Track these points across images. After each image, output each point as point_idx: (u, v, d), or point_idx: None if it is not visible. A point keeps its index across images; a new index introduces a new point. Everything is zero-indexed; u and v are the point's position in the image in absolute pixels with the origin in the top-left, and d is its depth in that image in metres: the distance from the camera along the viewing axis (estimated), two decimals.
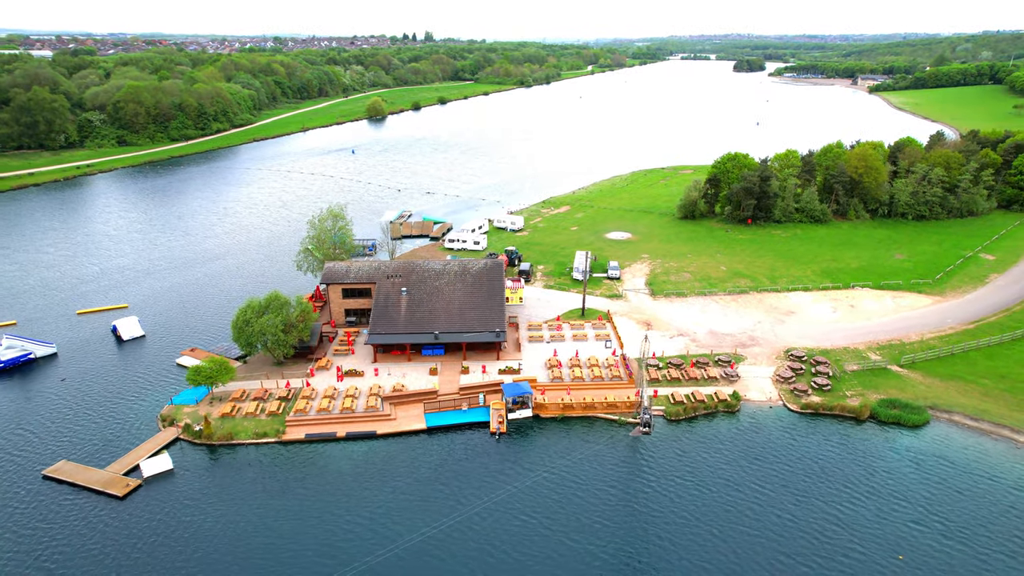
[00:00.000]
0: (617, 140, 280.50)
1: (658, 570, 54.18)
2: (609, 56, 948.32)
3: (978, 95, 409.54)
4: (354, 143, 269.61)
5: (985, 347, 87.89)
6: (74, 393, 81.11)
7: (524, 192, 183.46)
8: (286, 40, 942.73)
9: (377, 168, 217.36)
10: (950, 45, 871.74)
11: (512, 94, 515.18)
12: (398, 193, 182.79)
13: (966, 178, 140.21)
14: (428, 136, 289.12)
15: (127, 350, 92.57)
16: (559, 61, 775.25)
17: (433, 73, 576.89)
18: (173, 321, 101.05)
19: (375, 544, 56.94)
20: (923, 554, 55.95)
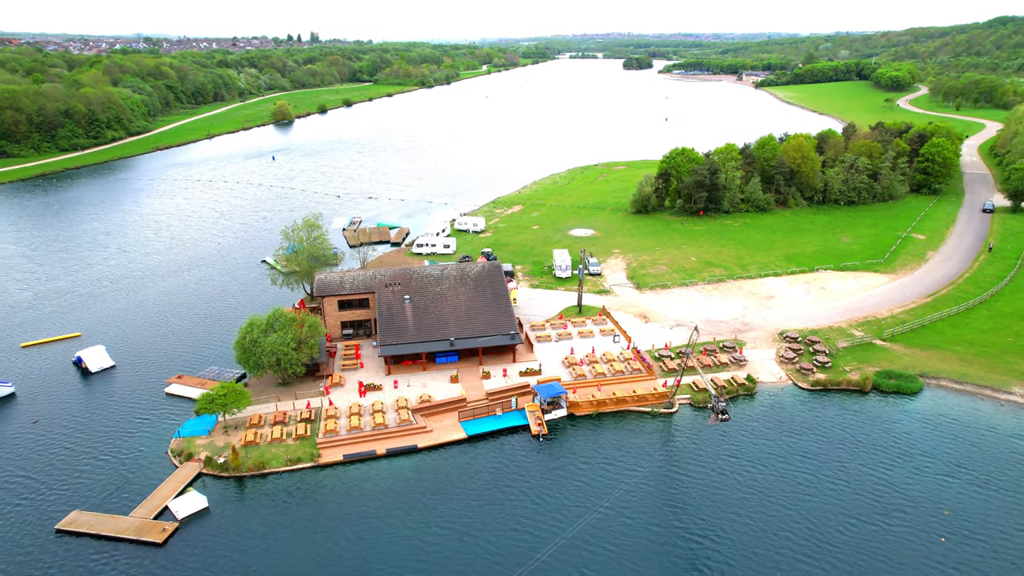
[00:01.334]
0: (540, 138, 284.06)
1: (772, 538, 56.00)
2: (502, 56, 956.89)
3: (851, 90, 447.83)
4: (267, 149, 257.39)
5: (948, 317, 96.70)
6: (55, 436, 72.78)
7: (469, 193, 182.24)
8: (159, 41, 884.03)
9: (308, 174, 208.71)
10: (812, 44, 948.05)
11: (415, 95, 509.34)
12: (337, 199, 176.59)
13: (886, 165, 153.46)
14: (348, 139, 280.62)
15: (99, 383, 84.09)
16: (455, 61, 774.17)
17: (331, 75, 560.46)
18: (143, 347, 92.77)
19: (515, 552, 54.96)
20: (962, 503, 61.06)
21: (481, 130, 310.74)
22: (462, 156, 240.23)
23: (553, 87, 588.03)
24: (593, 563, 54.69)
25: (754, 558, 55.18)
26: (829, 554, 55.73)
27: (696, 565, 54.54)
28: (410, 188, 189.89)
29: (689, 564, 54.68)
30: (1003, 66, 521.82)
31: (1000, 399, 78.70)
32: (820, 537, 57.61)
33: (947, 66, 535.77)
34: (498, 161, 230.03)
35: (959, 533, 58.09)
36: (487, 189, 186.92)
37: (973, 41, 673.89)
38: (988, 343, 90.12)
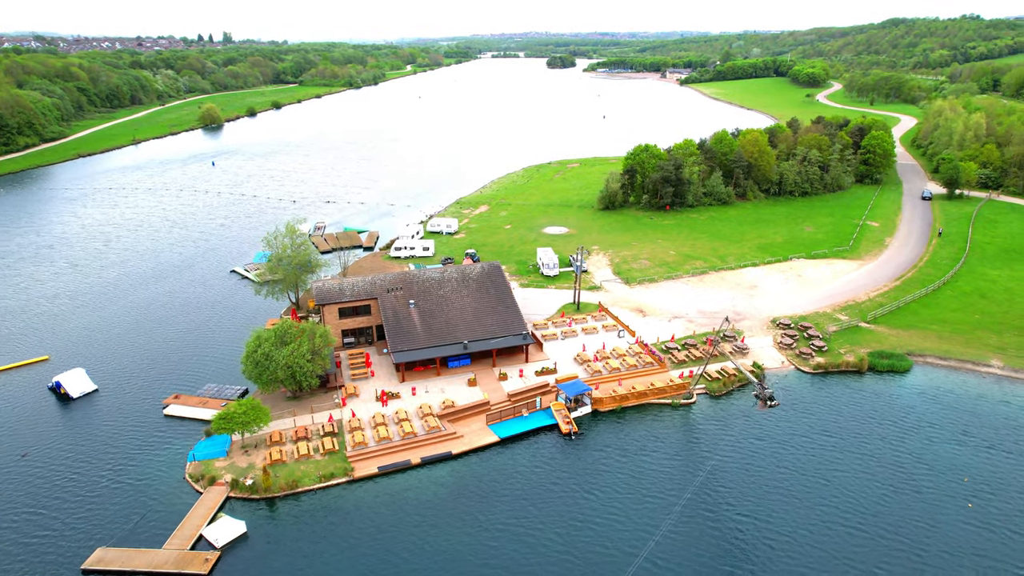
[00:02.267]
0: (486, 138, 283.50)
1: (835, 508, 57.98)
2: (425, 56, 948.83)
3: (771, 86, 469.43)
4: (203, 154, 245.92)
5: (920, 298, 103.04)
6: (55, 469, 67.19)
7: (430, 194, 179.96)
8: (54, 40, 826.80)
9: (256, 179, 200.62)
10: (726, 42, 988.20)
11: (344, 96, 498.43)
12: (294, 204, 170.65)
13: (834, 158, 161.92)
14: (287, 142, 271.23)
15: (86, 409, 78.17)
16: (378, 62, 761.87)
17: (253, 77, 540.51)
18: (125, 368, 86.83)
19: (588, 546, 54.39)
20: (976, 468, 65.34)
21: (423, 131, 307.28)
22: (411, 157, 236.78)
23: (483, 86, 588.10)
24: (694, 552, 55.19)
25: (810, 535, 57.19)
26: (876, 525, 58.58)
27: (769, 546, 56.01)
28: (368, 191, 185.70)
29: (763, 544, 56.09)
30: (900, 63, 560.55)
31: (981, 372, 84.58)
32: (864, 509, 60.51)
33: (852, 64, 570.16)
34: (449, 161, 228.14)
35: (981, 495, 62.21)
36: (447, 190, 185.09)
37: (872, 40, 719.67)
38: (959, 321, 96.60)
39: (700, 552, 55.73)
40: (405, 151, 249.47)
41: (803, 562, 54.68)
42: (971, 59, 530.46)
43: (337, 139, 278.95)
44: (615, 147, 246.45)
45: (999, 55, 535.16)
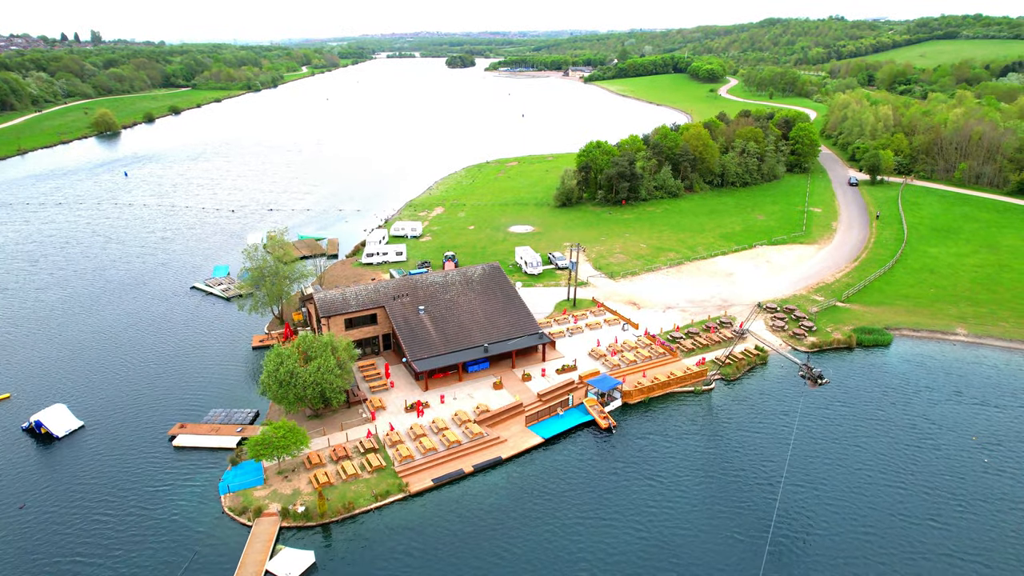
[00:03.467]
0: (412, 138, 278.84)
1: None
2: (320, 57, 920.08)
3: (673, 82, 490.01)
4: (105, 162, 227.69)
5: (882, 276, 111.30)
6: (68, 518, 60.44)
7: (377, 198, 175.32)
8: None
9: (182, 187, 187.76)
10: (619, 40, 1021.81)
11: (245, 100, 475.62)
12: (232, 213, 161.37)
13: (770, 149, 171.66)
14: (201, 148, 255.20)
15: (76, 448, 70.76)
16: (273, 63, 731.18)
17: (140, 80, 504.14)
18: (104, 400, 79.11)
19: (680, 527, 54.59)
20: (976, 421, 71.81)
21: (344, 133, 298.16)
22: (342, 160, 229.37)
23: (388, 87, 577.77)
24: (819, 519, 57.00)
25: (865, 496, 60.77)
26: (913, 482, 63.56)
27: (833, 510, 58.96)
28: (309, 196, 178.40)
29: (828, 509, 58.95)
30: (782, 60, 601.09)
31: (950, 339, 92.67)
32: (900, 468, 65.67)
33: (741, 60, 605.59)
34: (387, 163, 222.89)
35: (988, 447, 68.54)
36: (392, 192, 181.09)
37: (755, 38, 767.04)
38: (918, 295, 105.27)
39: (811, 520, 57.92)
40: (333, 154, 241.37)
41: (866, 523, 58.01)
42: (843, 56, 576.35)
43: (255, 143, 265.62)
44: (546, 145, 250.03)
45: (866, 53, 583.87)
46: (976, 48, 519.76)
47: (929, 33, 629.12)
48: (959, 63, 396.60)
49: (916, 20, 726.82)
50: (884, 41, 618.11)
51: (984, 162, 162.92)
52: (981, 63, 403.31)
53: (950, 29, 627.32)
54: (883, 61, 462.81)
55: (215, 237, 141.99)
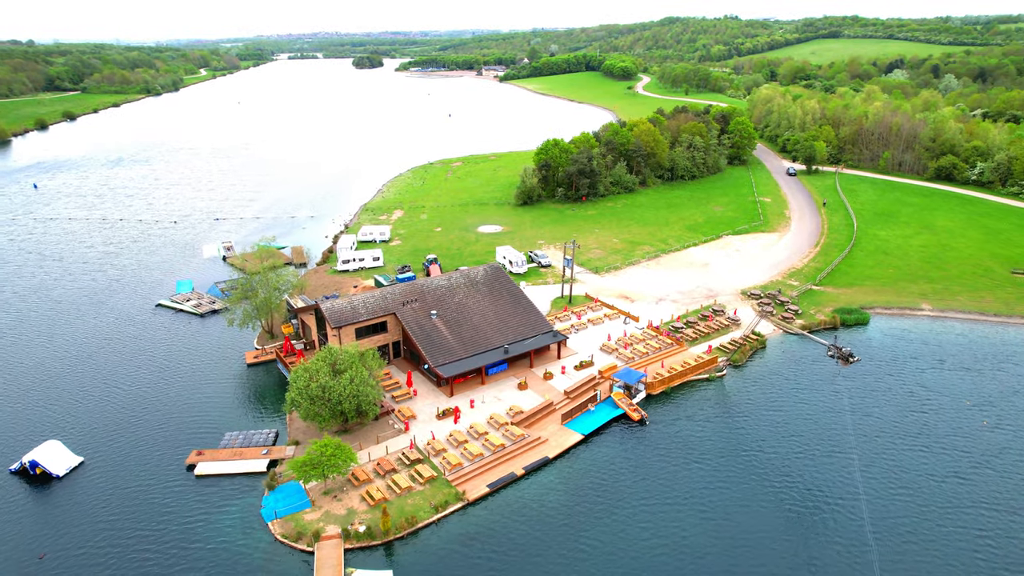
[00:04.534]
0: (345, 140, 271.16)
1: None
2: (218, 58, 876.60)
3: (589, 79, 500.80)
4: (2, 173, 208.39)
5: (845, 259, 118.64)
6: (102, 561, 55.37)
7: (327, 202, 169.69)
8: None
9: (110, 199, 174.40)
10: (524, 39, 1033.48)
11: (145, 104, 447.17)
12: (175, 225, 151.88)
13: (713, 143, 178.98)
14: (116, 156, 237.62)
15: (82, 487, 64.80)
16: (169, 65, 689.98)
17: (20, 82, 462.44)
18: (97, 430, 72.66)
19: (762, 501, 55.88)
20: (963, 384, 78.21)
21: (269, 136, 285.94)
22: (279, 165, 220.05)
23: (299, 88, 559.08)
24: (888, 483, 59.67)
25: (892, 460, 65.00)
26: (928, 443, 68.86)
27: (893, 468, 62.72)
28: (255, 203, 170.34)
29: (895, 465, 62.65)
30: (686, 57, 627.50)
31: (918, 315, 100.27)
32: (915, 431, 71.38)
33: (647, 58, 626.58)
34: (326, 166, 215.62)
35: (981, 407, 75.09)
36: (341, 196, 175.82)
37: (658, 36, 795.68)
38: (880, 276, 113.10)
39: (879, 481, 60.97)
40: (266, 158, 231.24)
41: (900, 484, 62.12)
42: (743, 53, 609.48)
43: (175, 149, 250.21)
44: (486, 144, 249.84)
45: (763, 50, 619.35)
46: (858, 46, 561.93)
47: (815, 32, 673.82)
48: (849, 60, 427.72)
49: (802, 20, 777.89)
50: (778, 39, 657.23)
51: (904, 151, 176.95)
52: (867, 60, 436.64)
53: (833, 28, 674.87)
54: (782, 58, 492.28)
55: (165, 250, 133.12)
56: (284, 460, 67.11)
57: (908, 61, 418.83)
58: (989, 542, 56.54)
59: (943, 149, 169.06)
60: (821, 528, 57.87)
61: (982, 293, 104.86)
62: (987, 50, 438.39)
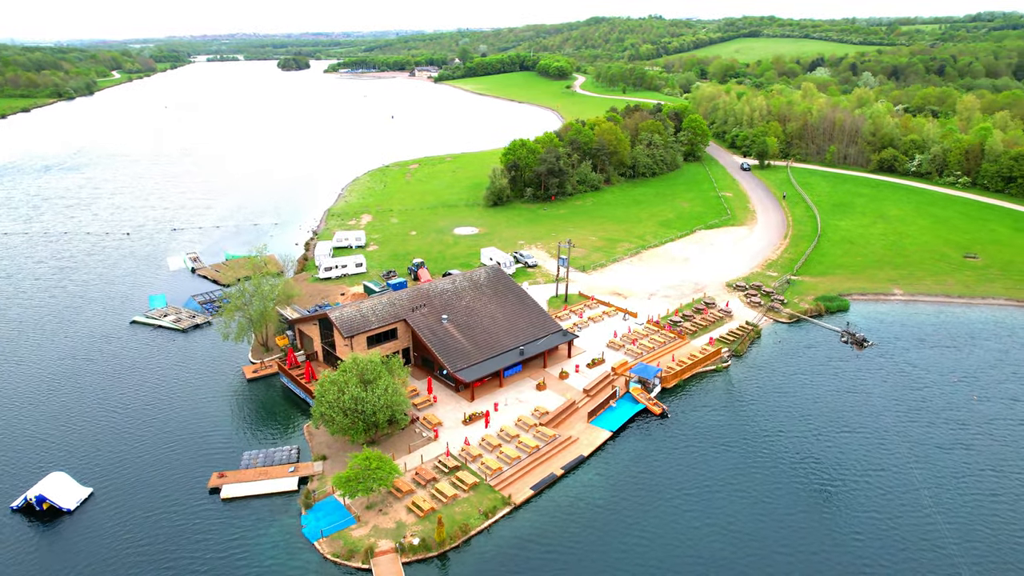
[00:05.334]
0: (290, 143, 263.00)
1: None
2: (132, 60, 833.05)
3: (526, 79, 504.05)
4: None
5: (815, 249, 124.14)
6: None
7: (289, 209, 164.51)
8: None
9: (48, 211, 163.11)
10: (451, 40, 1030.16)
11: (58, 108, 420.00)
12: (128, 237, 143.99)
13: (671, 140, 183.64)
14: (38, 162, 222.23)
15: (97, 519, 60.78)
16: (77, 67, 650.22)
17: None
18: (106, 461, 68.42)
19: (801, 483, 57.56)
20: (947, 361, 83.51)
21: (209, 142, 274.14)
22: (228, 170, 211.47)
23: (227, 91, 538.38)
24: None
25: (901, 435, 68.83)
26: (934, 415, 73.88)
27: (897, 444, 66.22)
28: (211, 211, 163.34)
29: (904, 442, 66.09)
30: (615, 56, 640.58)
31: (891, 300, 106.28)
32: (917, 407, 76.14)
33: (578, 57, 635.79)
34: (280, 171, 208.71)
35: (967, 378, 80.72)
36: (302, 202, 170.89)
37: (586, 36, 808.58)
38: (849, 264, 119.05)
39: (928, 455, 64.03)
40: (211, 164, 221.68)
41: (913, 455, 65.97)
42: (670, 52, 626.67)
43: (110, 155, 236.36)
44: (439, 145, 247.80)
45: (688, 49, 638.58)
46: (778, 45, 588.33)
47: (736, 31, 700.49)
48: (774, 58, 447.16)
49: (723, 20, 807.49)
50: (702, 38, 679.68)
51: (848, 144, 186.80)
52: (790, 59, 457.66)
53: (753, 28, 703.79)
54: (711, 56, 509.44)
55: (126, 263, 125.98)
56: (314, 477, 64.99)
57: (828, 59, 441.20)
58: (1004, 504, 60.85)
59: (883, 143, 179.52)
60: (853, 502, 60.91)
61: (943, 277, 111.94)
62: (896, 49, 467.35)
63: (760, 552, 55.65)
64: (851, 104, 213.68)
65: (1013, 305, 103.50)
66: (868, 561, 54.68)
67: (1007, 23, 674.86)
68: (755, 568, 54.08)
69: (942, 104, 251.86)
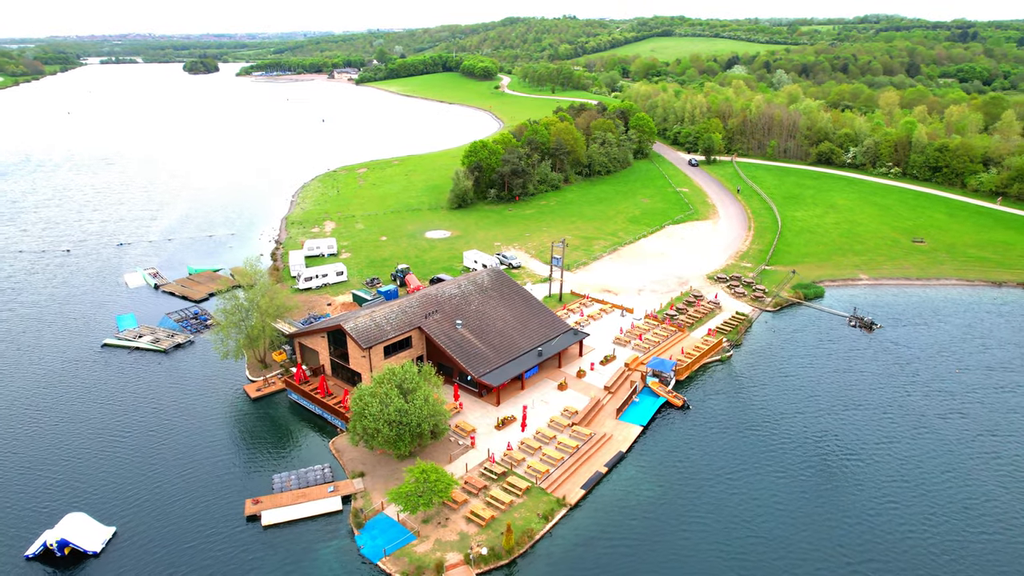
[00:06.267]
0: (222, 150, 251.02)
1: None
2: (14, 63, 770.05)
3: (452, 80, 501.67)
4: None
5: (780, 240, 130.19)
6: None
7: (242, 218, 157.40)
8: None
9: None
10: (365, 40, 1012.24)
11: None
12: (68, 253, 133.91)
13: (623, 138, 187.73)
14: None
15: (128, 560, 56.56)
16: None
17: None
18: (121, 496, 63.77)
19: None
20: (922, 338, 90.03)
21: (132, 149, 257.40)
22: (159, 180, 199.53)
23: (136, 96, 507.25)
24: None
25: (903, 407, 73.73)
26: (928, 386, 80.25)
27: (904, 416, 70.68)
28: (157, 223, 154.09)
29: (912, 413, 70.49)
30: (535, 56, 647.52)
31: (859, 284, 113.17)
32: (910, 380, 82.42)
33: (500, 58, 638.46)
34: (215, 179, 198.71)
35: (943, 352, 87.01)
36: (254, 211, 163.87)
37: (503, 36, 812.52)
38: (814, 253, 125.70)
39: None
40: (140, 173, 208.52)
41: (919, 425, 70.90)
42: (588, 51, 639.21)
43: (20, 163, 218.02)
44: (380, 149, 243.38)
45: (605, 48, 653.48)
46: (692, 44, 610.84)
47: (650, 31, 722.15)
48: (691, 57, 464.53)
49: (636, 20, 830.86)
50: (618, 38, 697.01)
51: (787, 139, 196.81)
52: (706, 57, 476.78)
53: (665, 28, 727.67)
54: (630, 55, 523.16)
55: (76, 281, 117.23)
56: (356, 495, 62.78)
57: (742, 58, 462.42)
58: (1000, 463, 66.50)
59: (819, 137, 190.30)
60: (878, 472, 65.27)
61: (900, 261, 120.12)
62: (802, 48, 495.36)
63: (808, 524, 58.80)
64: (784, 101, 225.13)
65: (964, 284, 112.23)
66: (905, 523, 58.66)
67: (890, 24, 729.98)
68: (810, 539, 57.03)
69: (855, 100, 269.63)
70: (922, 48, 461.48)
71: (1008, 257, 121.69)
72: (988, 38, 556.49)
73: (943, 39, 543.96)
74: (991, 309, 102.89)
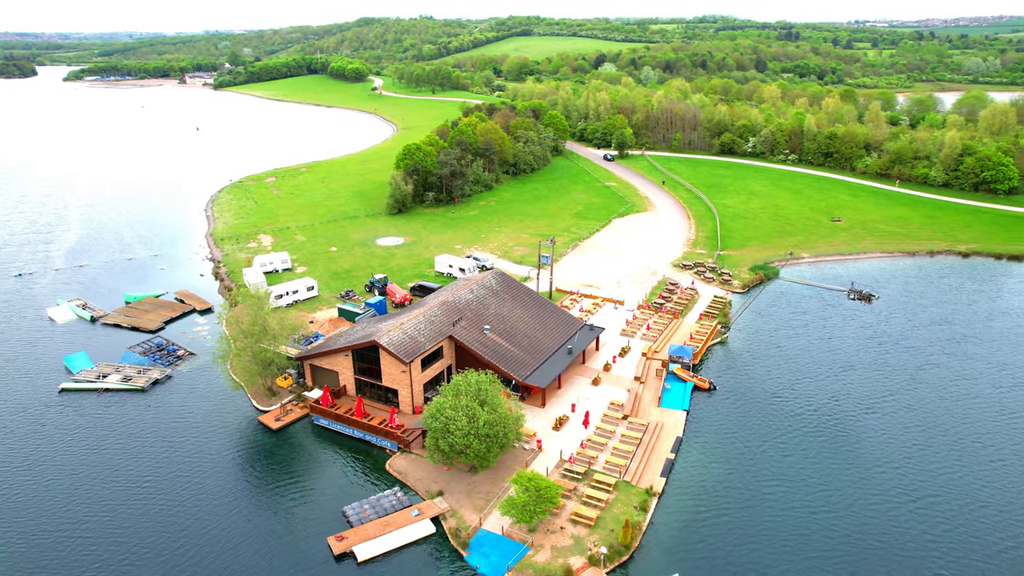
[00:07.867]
0: (84, 164, 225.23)
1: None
2: None
3: (321, 83, 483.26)
4: None
5: (721, 227, 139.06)
6: None
7: (157, 239, 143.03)
8: None
9: None
10: (208, 42, 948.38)
11: None
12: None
13: (543, 136, 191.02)
14: None
15: None
16: None
17: None
18: (181, 563, 57.17)
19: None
20: (882, 307, 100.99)
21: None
22: (32, 199, 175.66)
23: None
24: None
25: (896, 370, 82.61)
26: (915, 354, 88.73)
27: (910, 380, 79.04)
28: (54, 247, 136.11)
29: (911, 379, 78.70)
30: (397, 56, 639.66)
31: (803, 263, 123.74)
32: (893, 347, 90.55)
33: (366, 59, 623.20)
34: (102, 196, 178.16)
35: (899, 315, 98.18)
36: (163, 228, 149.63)
37: (361, 37, 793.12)
38: (754, 236, 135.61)
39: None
40: (4, 190, 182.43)
41: (922, 382, 79.80)
42: (451, 52, 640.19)
43: None
44: (279, 158, 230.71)
45: (468, 48, 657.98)
46: (553, 43, 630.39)
47: (508, 31, 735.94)
48: (559, 55, 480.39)
49: (492, 20, 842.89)
50: (479, 38, 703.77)
51: (690, 132, 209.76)
52: (572, 55, 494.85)
53: (523, 27, 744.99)
54: (500, 55, 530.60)
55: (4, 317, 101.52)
56: (444, 514, 60.27)
57: (608, 56, 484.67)
58: (978, 401, 76.50)
59: (720, 129, 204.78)
60: (897, 422, 72.93)
61: (830, 239, 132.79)
62: (660, 46, 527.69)
63: (865, 472, 65.16)
64: (680, 96, 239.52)
65: (887, 256, 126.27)
66: (937, 465, 66.43)
67: (726, 24, 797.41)
68: (875, 486, 62.73)
69: (727, 93, 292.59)
70: (763, 46, 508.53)
71: (910, 229, 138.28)
72: (809, 38, 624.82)
73: (774, 38, 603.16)
74: (915, 275, 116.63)
